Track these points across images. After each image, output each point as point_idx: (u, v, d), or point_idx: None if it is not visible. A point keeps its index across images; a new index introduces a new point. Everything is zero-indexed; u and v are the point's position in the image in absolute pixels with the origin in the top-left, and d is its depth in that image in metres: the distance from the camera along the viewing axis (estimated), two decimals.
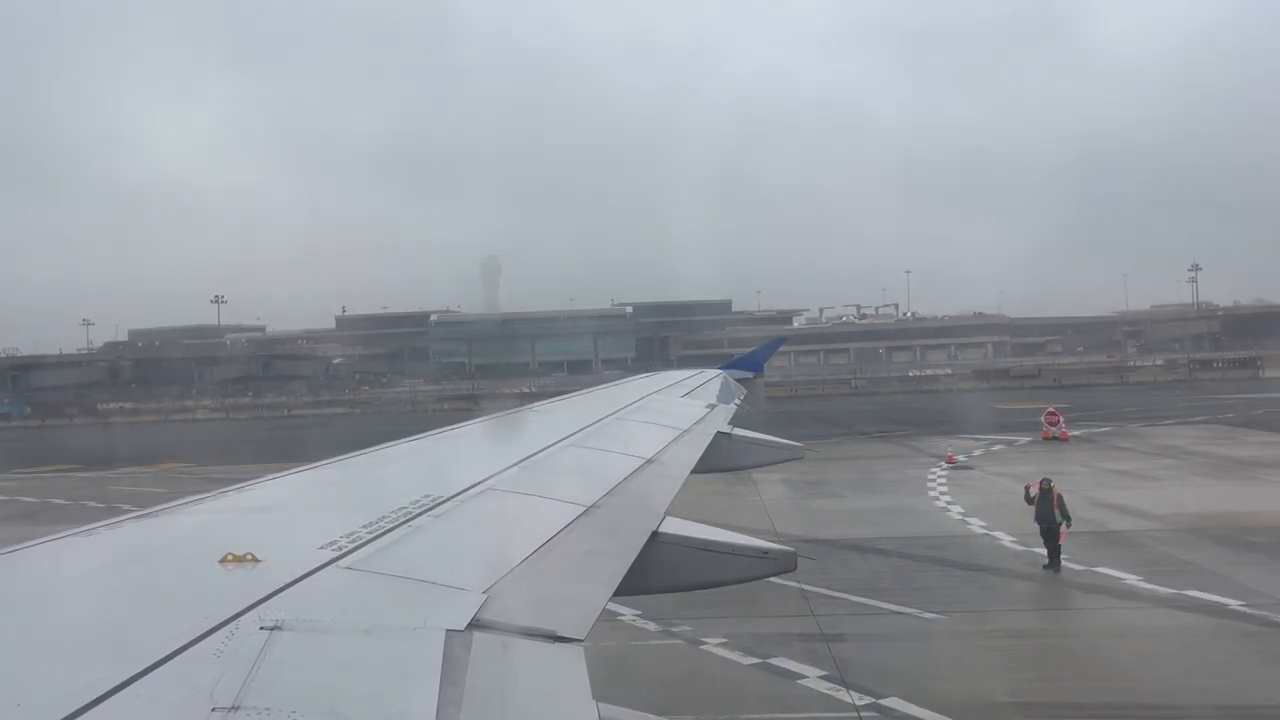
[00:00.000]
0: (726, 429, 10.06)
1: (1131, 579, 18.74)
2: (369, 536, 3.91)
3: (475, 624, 3.03)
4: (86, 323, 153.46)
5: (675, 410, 10.92)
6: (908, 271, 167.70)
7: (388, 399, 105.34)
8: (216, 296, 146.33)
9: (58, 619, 3.05)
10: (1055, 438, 42.04)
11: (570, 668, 2.91)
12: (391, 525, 4.13)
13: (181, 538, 4.24)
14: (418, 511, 4.42)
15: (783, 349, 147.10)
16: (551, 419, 9.80)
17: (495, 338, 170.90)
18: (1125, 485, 29.76)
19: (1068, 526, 19.97)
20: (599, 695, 2.70)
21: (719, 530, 5.18)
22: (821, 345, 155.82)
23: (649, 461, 6.92)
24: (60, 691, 2.30)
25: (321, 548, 3.67)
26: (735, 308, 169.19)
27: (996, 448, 40.76)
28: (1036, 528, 20.32)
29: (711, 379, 15.70)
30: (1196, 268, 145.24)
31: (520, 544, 4.13)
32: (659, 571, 4.63)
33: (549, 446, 7.00)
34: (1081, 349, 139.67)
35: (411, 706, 2.45)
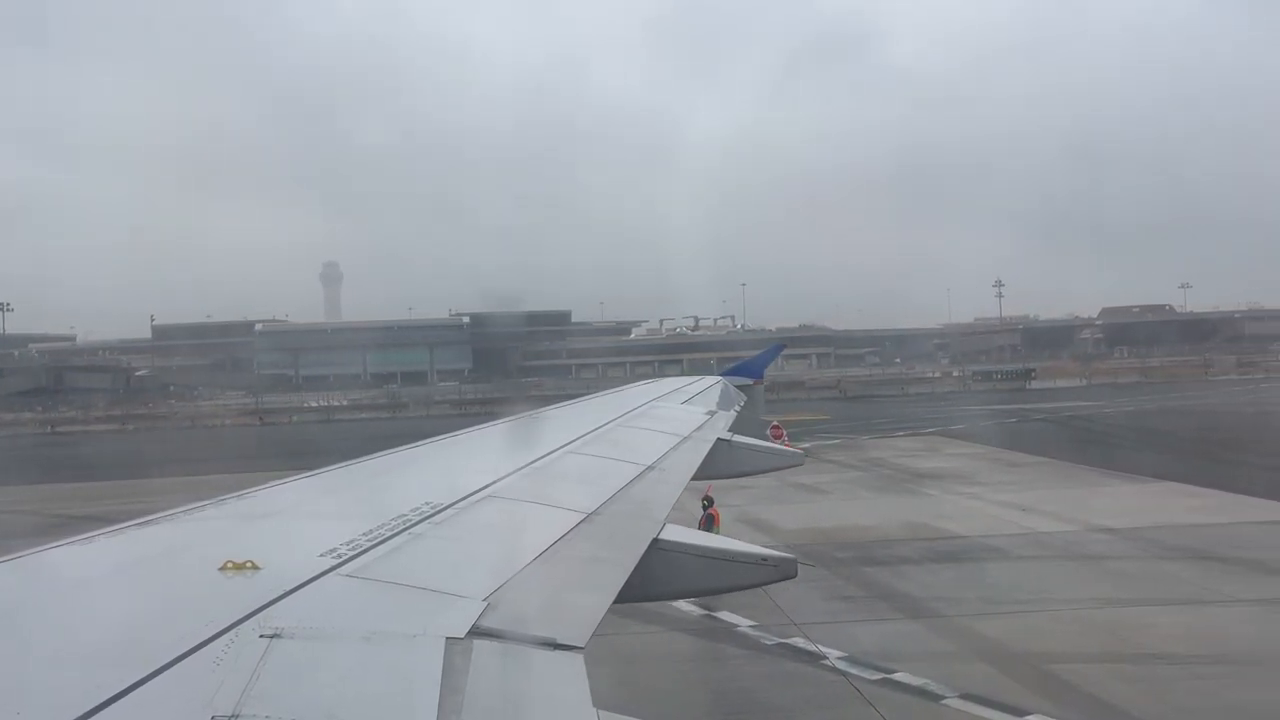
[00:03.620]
0: (726, 436, 10.02)
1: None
2: (369, 544, 3.89)
3: (475, 632, 3.03)
4: None
5: (675, 417, 10.87)
6: (743, 284, 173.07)
7: (188, 414, 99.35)
8: (2, 304, 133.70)
9: (58, 626, 3.01)
10: None
11: (571, 676, 2.91)
12: (392, 532, 4.12)
13: (181, 545, 4.21)
14: (418, 519, 4.41)
15: (617, 361, 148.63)
16: (552, 425, 9.71)
17: (325, 348, 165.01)
18: (789, 500, 30.52)
19: None
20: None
21: (718, 537, 5.25)
22: (657, 357, 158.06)
23: (649, 468, 6.90)
24: (61, 699, 2.30)
25: (322, 555, 3.66)
26: (576, 319, 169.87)
27: None
28: None
29: (711, 385, 15.67)
30: (1000, 283, 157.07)
31: (521, 551, 4.13)
32: (660, 578, 4.64)
33: (550, 453, 6.97)
34: (899, 360, 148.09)
35: (412, 714, 2.45)
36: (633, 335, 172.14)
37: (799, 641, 16.31)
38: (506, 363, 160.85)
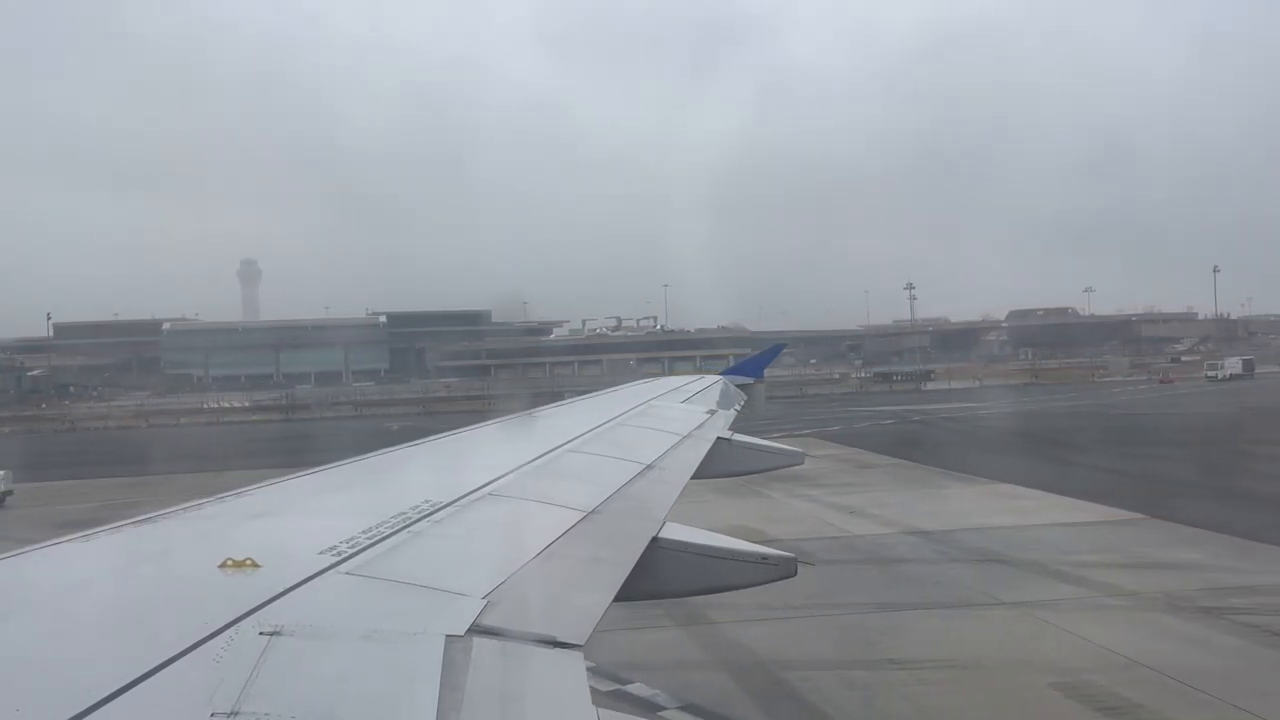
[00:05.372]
0: (727, 435, 9.95)
1: None
2: (369, 541, 3.90)
3: (475, 629, 3.03)
4: None
5: (676, 416, 10.80)
6: (665, 285, 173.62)
7: (73, 417, 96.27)
8: None
9: (58, 624, 3.02)
10: None
11: (570, 673, 2.91)
12: (392, 530, 4.11)
13: (181, 543, 4.21)
14: (418, 517, 4.41)
15: (536, 361, 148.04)
16: (555, 423, 9.66)
17: (236, 348, 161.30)
18: None
19: None
20: None
21: (719, 535, 5.20)
22: (578, 357, 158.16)
23: (649, 467, 6.89)
24: (61, 696, 2.30)
25: (321, 553, 3.65)
26: (496, 319, 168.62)
27: None
28: None
29: (712, 384, 15.50)
30: (911, 286, 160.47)
31: (521, 549, 4.13)
32: (659, 577, 4.64)
33: (550, 451, 6.95)
34: (814, 361, 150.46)
35: (411, 712, 2.46)
36: (553, 335, 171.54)
37: None
38: (424, 363, 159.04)
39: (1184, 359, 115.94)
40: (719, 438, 9.53)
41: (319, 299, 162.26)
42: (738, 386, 16.20)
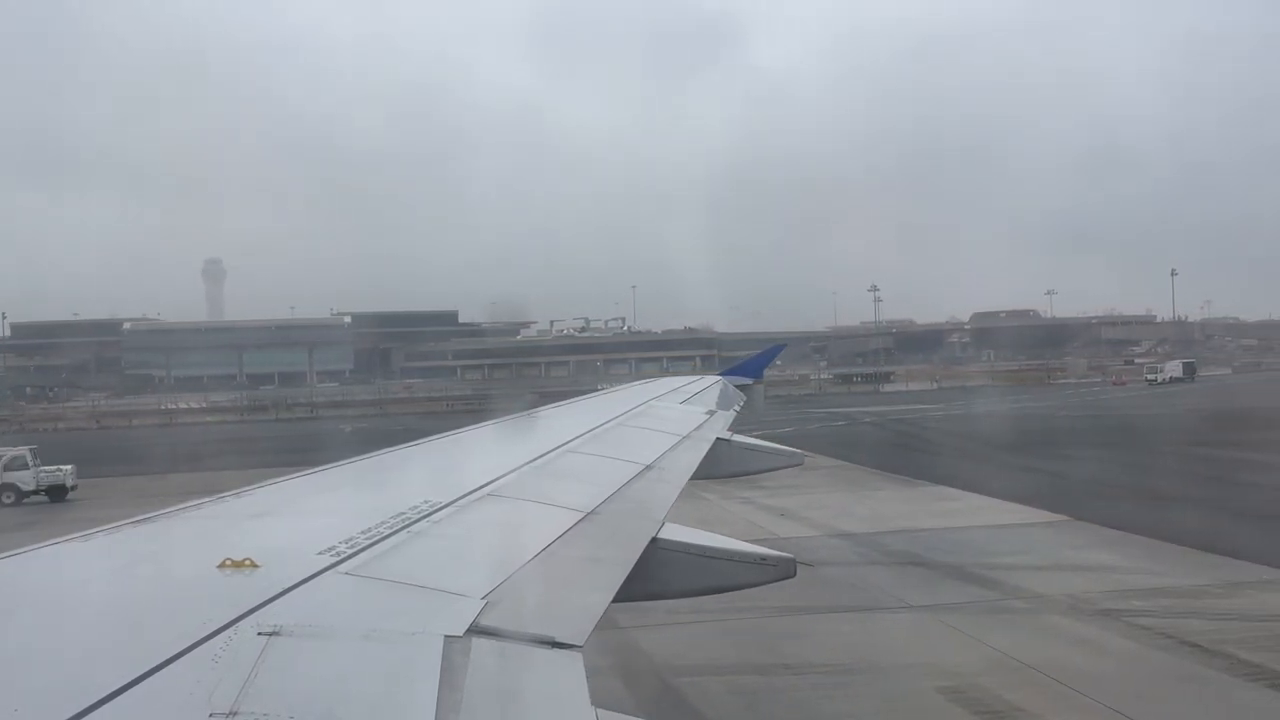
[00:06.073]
0: (726, 435, 9.95)
1: None
2: (368, 542, 3.88)
3: (474, 630, 3.02)
4: None
5: (675, 416, 10.81)
6: (634, 286, 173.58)
7: (21, 419, 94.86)
8: None
9: (57, 623, 3.03)
10: None
11: (569, 674, 2.90)
12: (391, 531, 4.10)
13: (180, 543, 4.21)
14: (417, 517, 4.41)
15: (502, 363, 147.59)
16: (554, 424, 9.65)
17: (198, 348, 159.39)
18: None
19: None
20: None
21: (718, 536, 5.21)
22: (545, 358, 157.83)
23: (649, 467, 6.90)
24: (59, 695, 2.30)
25: (320, 553, 3.64)
26: (463, 319, 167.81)
27: None
28: None
29: (711, 385, 15.52)
30: (875, 288, 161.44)
31: (520, 550, 4.11)
32: (658, 578, 4.64)
33: (550, 452, 6.95)
34: (779, 362, 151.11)
35: (410, 713, 2.46)
36: (520, 336, 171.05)
37: None
38: (389, 364, 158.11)
39: (1138, 361, 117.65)
40: (718, 438, 9.56)
41: (288, 299, 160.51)
42: (737, 387, 16.29)
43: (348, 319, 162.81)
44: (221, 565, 3.42)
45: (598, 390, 17.16)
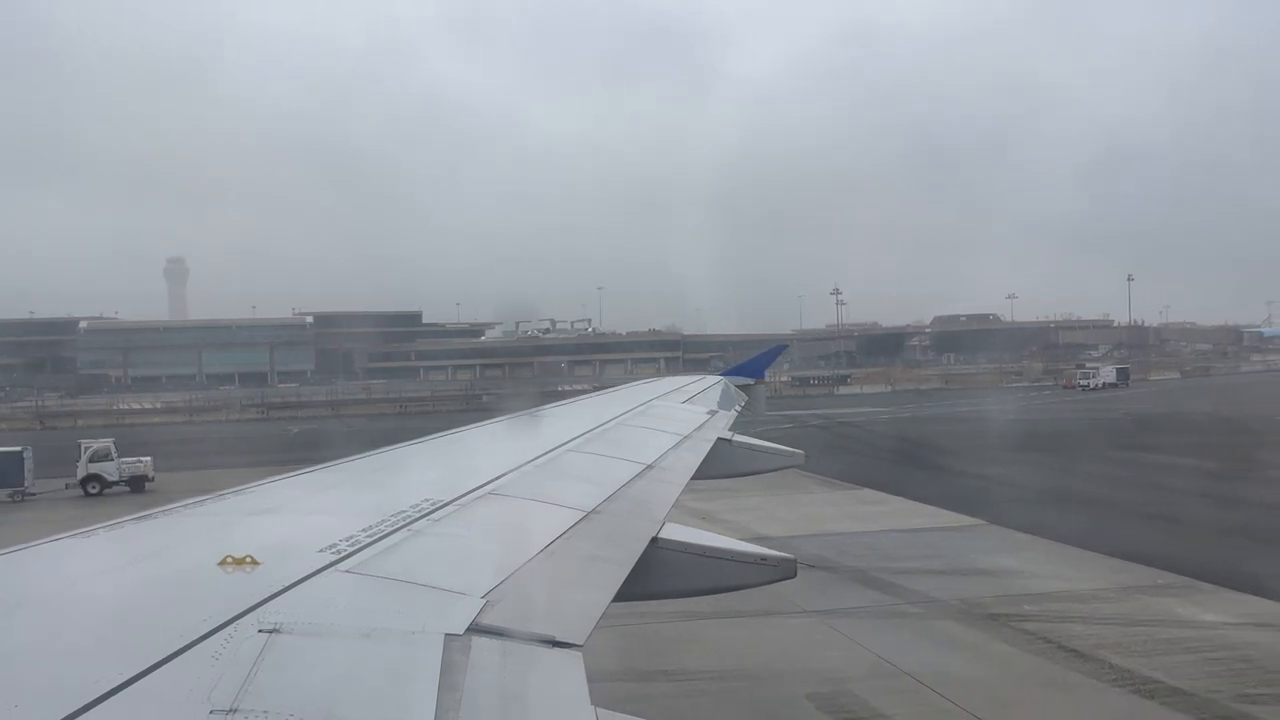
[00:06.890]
0: (727, 435, 9.93)
1: None
2: (368, 540, 3.88)
3: (474, 629, 3.02)
4: None
5: (676, 416, 10.80)
6: (600, 288, 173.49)
7: None
8: None
9: (58, 620, 3.02)
10: None
11: (569, 673, 2.90)
12: (391, 529, 4.11)
13: (181, 540, 4.20)
14: (417, 515, 4.40)
15: (466, 364, 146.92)
16: (555, 423, 9.64)
17: (157, 347, 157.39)
18: None
19: None
20: None
21: (719, 536, 5.22)
22: (509, 359, 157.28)
23: (649, 467, 6.92)
24: (60, 692, 2.30)
25: (321, 551, 3.64)
26: (427, 320, 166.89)
27: None
28: None
29: (712, 385, 15.50)
30: (838, 291, 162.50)
31: (520, 549, 4.11)
32: (658, 577, 4.63)
33: (550, 451, 6.96)
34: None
35: (410, 711, 2.46)
36: (485, 337, 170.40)
37: None
38: (352, 364, 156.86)
39: (1089, 366, 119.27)
40: (719, 438, 9.57)
41: (249, 299, 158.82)
42: (738, 387, 16.30)
43: (310, 319, 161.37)
44: (223, 562, 3.43)
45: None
